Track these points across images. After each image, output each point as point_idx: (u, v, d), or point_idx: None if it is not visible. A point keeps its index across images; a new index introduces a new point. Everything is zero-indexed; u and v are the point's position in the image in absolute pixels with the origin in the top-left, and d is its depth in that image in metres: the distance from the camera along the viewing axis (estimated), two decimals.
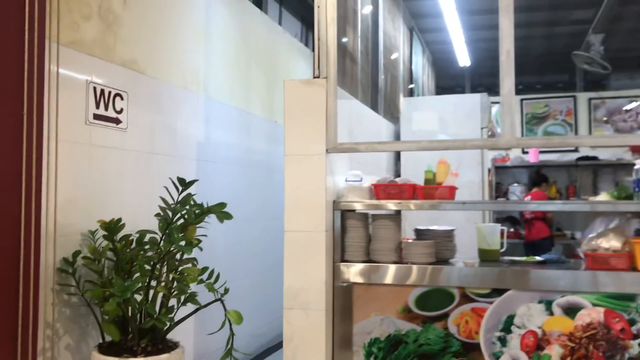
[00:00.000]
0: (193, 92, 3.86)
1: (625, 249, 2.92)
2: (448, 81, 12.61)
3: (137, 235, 2.75)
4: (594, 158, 8.08)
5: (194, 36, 3.92)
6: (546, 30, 9.41)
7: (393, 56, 6.94)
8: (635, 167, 3.15)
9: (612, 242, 2.92)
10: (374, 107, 5.93)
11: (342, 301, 3.16)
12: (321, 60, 3.35)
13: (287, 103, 3.32)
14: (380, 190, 3.30)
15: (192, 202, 2.66)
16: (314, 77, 3.35)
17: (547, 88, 12.59)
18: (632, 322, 2.77)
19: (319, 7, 3.36)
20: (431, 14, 7.72)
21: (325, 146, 3.23)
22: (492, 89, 3.21)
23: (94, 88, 2.85)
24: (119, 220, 2.74)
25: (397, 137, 6.20)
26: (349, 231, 3.26)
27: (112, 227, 2.70)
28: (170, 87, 3.57)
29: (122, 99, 3.06)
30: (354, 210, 3.29)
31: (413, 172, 4.91)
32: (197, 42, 3.97)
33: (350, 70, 5.22)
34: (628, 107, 9.28)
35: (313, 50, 3.37)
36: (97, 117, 2.87)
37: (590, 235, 3.03)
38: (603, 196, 3.22)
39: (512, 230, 7.74)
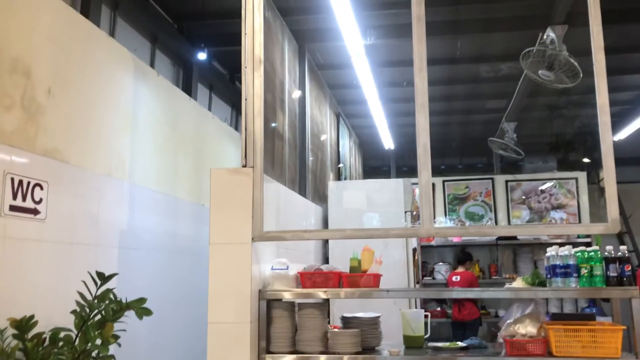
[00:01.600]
0: (118, 179, 3.81)
1: (541, 334, 3.03)
2: (375, 161, 13.04)
3: (50, 333, 2.61)
4: (514, 238, 8.44)
5: (121, 123, 3.92)
6: (464, 118, 10.02)
7: (321, 140, 7.14)
8: (547, 254, 3.32)
9: (528, 328, 3.03)
10: (302, 190, 6.02)
11: None
12: (248, 150, 3.42)
13: (213, 192, 3.34)
14: (306, 279, 3.31)
15: (111, 297, 2.58)
16: (242, 166, 3.40)
17: (468, 168, 13.24)
18: None
19: (246, 99, 3.47)
20: (356, 101, 8.08)
21: (251, 235, 3.24)
22: (416, 169, 3.37)
23: (12, 179, 2.77)
24: (31, 317, 2.60)
25: (326, 219, 6.29)
26: (275, 321, 3.23)
27: (22, 325, 2.55)
28: (93, 175, 3.52)
29: (41, 188, 2.98)
30: (280, 300, 3.28)
31: (341, 254, 4.97)
32: (124, 128, 3.96)
33: (279, 155, 5.32)
34: (542, 187, 9.87)
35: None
36: (13, 208, 2.77)
37: (508, 322, 3.13)
38: (518, 282, 3.36)
39: (438, 309, 7.85)
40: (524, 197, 9.98)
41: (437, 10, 5.30)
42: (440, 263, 8.62)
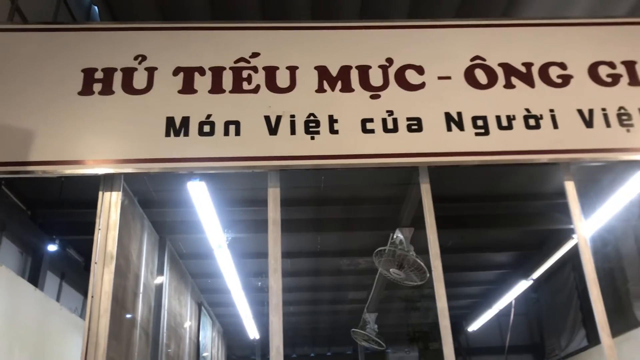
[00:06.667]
0: None
1: None
2: (241, 351, 12.57)
3: None
4: None
5: None
6: (330, 307, 10.19)
7: (180, 331, 6.82)
8: None
9: None
10: None
11: None
12: (89, 353, 3.18)
13: None
14: None
15: None
16: None
17: (336, 357, 13.13)
18: None
19: (92, 297, 3.31)
20: (220, 290, 7.96)
21: None
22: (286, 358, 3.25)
23: None
24: None
25: None
26: None
27: None
28: None
29: None
30: None
31: None
32: None
33: (131, 352, 4.98)
34: None
35: None
36: None
37: None
38: None
39: None
40: None
41: (299, 209, 5.60)
42: None
